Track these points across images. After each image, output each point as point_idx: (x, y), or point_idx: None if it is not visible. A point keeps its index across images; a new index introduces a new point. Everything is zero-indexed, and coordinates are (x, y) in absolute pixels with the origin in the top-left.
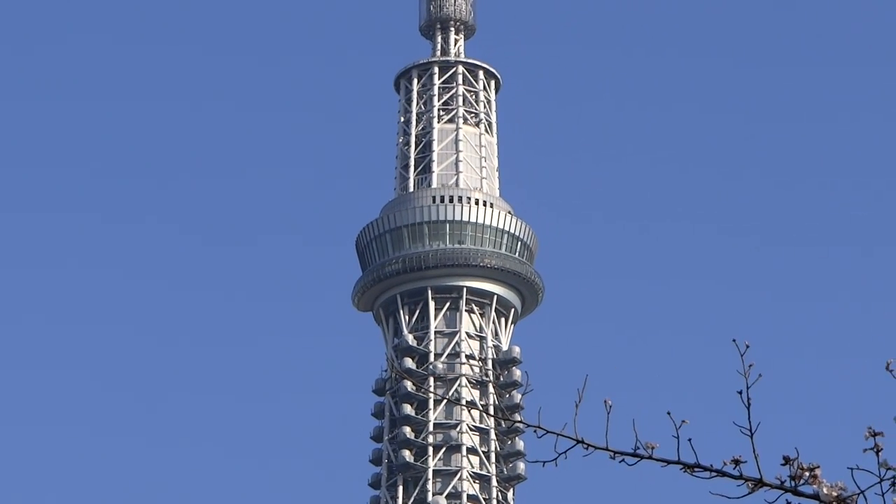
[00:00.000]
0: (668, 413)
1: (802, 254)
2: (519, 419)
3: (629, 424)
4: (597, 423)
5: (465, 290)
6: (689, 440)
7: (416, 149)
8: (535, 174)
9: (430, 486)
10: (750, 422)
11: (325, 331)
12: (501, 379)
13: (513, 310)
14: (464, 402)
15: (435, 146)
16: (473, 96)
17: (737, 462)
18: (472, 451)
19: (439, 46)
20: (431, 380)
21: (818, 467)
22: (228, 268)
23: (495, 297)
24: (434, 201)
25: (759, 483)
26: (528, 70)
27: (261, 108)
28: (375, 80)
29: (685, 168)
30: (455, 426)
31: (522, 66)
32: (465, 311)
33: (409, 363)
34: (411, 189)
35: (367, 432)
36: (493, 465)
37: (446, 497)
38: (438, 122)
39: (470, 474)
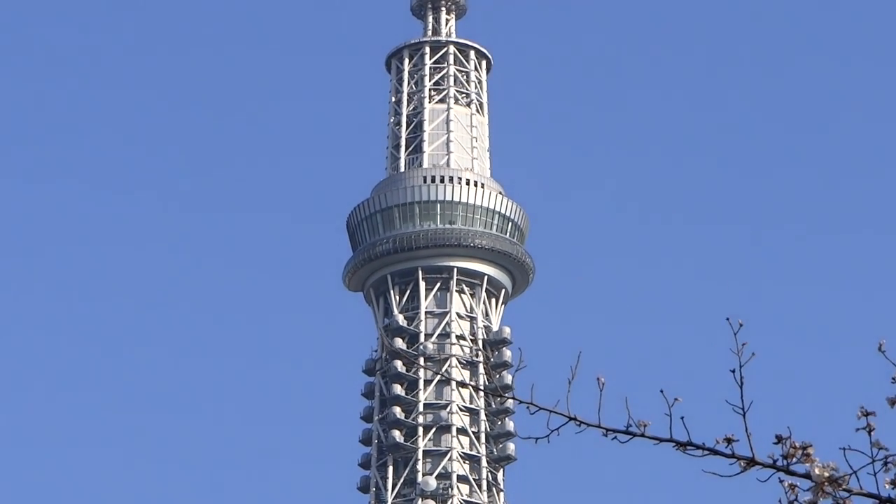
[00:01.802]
0: (661, 391)
1: (795, 236)
2: (511, 395)
3: (622, 403)
4: (589, 402)
5: (455, 270)
6: (682, 418)
7: (407, 129)
8: (527, 155)
9: (419, 466)
10: (742, 400)
11: (315, 310)
12: (492, 359)
13: (503, 290)
14: (454, 382)
15: (426, 126)
16: (465, 76)
17: (729, 440)
18: (462, 431)
19: (430, 26)
20: (422, 360)
21: (810, 446)
22: (217, 245)
23: (486, 277)
24: (425, 181)
25: (751, 462)
26: (520, 50)
27: (252, 87)
28: (366, 60)
29: (678, 150)
30: (445, 406)
31: (514, 47)
32: (456, 291)
33: (400, 343)
34: (402, 169)
35: (357, 412)
36: (483, 446)
37: (436, 477)
38: (429, 103)
39: (460, 455)
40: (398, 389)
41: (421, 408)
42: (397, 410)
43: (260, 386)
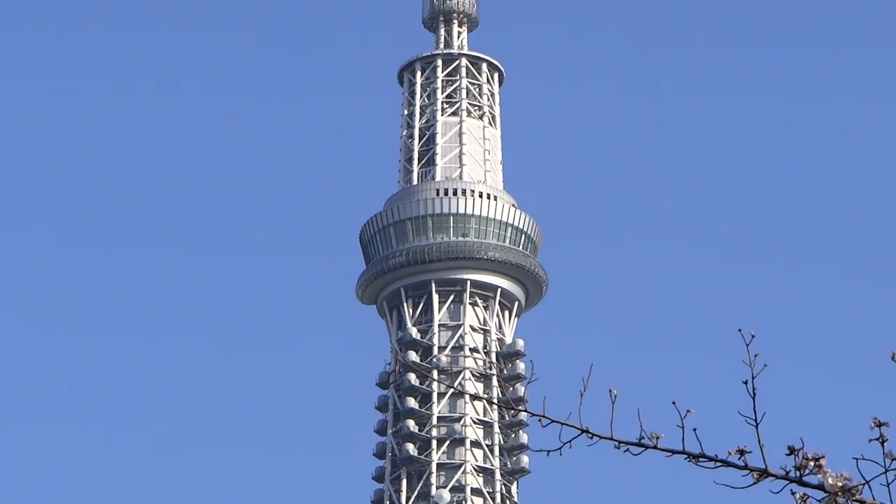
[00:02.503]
0: (674, 403)
1: (808, 246)
2: (523, 408)
3: (634, 415)
4: (601, 414)
5: (468, 283)
6: (694, 430)
7: (419, 142)
8: (539, 167)
9: (433, 479)
10: (755, 412)
11: (328, 324)
12: (505, 372)
13: (516, 303)
14: (467, 395)
15: (438, 139)
16: (477, 89)
17: (742, 452)
18: (475, 444)
19: (443, 39)
20: (435, 373)
21: (823, 457)
22: (231, 258)
23: (499, 290)
24: (438, 194)
25: (763, 473)
26: (532, 62)
27: (265, 100)
28: (379, 72)
29: (693, 162)
30: (458, 419)
31: (526, 59)
32: (469, 304)
33: (413, 356)
34: (415, 182)
35: (371, 426)
36: (497, 459)
37: (450, 490)
38: (442, 115)
39: (474, 468)
40: (412, 402)
41: (434, 421)
42: (411, 423)
43: (274, 400)
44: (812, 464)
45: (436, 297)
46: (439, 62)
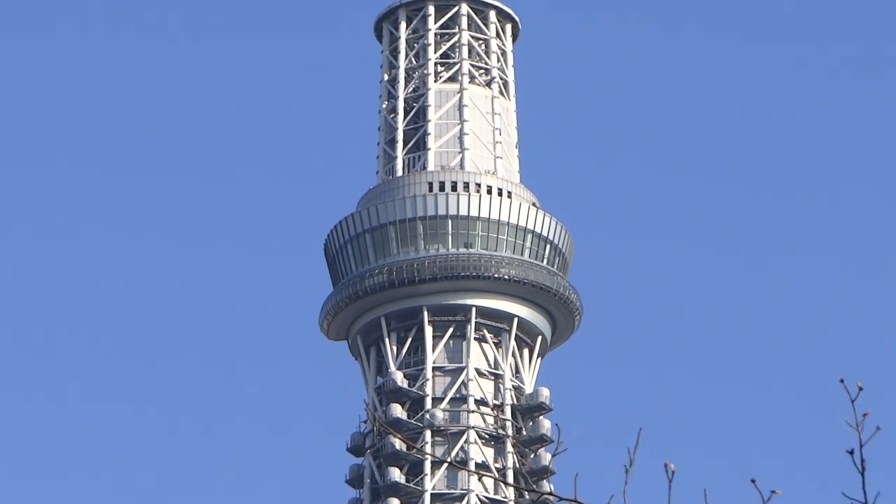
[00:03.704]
0: (753, 481)
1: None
2: (549, 490)
3: (695, 492)
4: (652, 489)
5: (473, 310)
6: None
7: (405, 118)
8: (570, 152)
9: None
10: (865, 492)
11: (282, 368)
12: (524, 433)
13: (539, 338)
14: (472, 464)
15: (431, 114)
16: (483, 46)
17: None
18: None
19: None
20: (428, 434)
21: None
22: (170, 279)
23: (516, 320)
24: (431, 189)
25: None
26: (557, 10)
27: (204, 64)
28: (350, 25)
29: (768, 139)
30: (461, 498)
31: (548, 6)
32: (475, 339)
33: (398, 411)
34: (399, 173)
35: None
36: None
37: None
38: (436, 82)
39: None
40: (396, 475)
41: (428, 500)
42: (395, 503)
43: (214, 467)
44: None
45: (429, 331)
46: (431, 9)
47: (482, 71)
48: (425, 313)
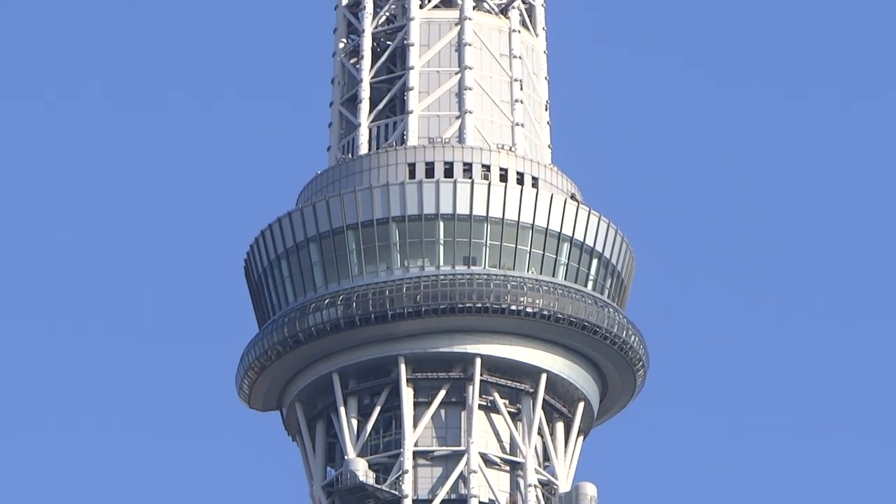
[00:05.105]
0: None
1: None
2: None
3: None
4: None
5: (478, 362)
6: None
7: (373, 64)
8: (626, 121)
9: None
10: None
11: (190, 449)
12: None
13: (582, 405)
14: None
15: (414, 58)
16: None
17: None
18: None
19: None
20: None
21: None
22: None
23: (544, 377)
24: (412, 175)
25: None
26: None
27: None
28: None
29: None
30: None
31: None
32: (481, 408)
33: None
34: (364, 150)
35: None
36: None
37: None
38: (422, 7)
39: None
40: None
41: None
42: None
43: None
44: None
45: (408, 395)
46: None
47: None
48: (403, 367)
